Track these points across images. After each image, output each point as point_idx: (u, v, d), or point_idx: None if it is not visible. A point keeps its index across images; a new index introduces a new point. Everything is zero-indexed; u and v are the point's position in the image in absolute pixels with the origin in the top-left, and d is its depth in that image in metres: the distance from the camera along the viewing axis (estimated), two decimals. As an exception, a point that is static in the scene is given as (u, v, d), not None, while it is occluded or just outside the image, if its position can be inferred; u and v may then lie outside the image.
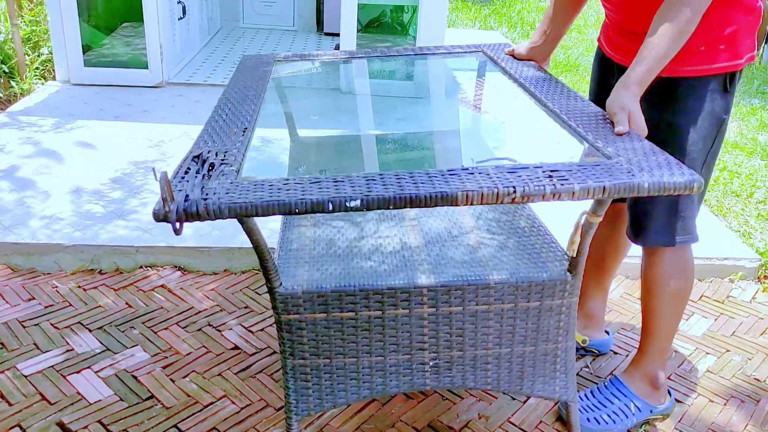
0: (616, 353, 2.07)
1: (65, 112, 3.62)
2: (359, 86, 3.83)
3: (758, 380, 1.99)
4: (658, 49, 1.38)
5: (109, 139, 3.29)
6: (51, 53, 4.14)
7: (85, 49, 4.07)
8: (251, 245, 1.34)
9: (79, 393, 1.82)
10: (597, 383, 1.91)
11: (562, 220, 1.79)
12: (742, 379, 2.00)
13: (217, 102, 1.70)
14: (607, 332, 2.08)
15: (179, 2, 4.43)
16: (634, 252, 2.42)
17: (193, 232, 2.45)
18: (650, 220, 1.62)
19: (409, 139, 2.56)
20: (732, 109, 1.64)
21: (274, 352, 2.02)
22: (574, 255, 1.38)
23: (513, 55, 1.96)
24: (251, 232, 1.29)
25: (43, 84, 4.04)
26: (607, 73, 1.75)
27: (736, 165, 3.54)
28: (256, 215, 1.11)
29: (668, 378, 1.98)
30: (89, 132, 3.36)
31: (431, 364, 1.48)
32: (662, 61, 1.39)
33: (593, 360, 2.04)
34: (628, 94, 1.39)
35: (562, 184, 1.11)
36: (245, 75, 1.96)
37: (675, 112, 1.54)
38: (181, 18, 4.47)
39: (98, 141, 3.26)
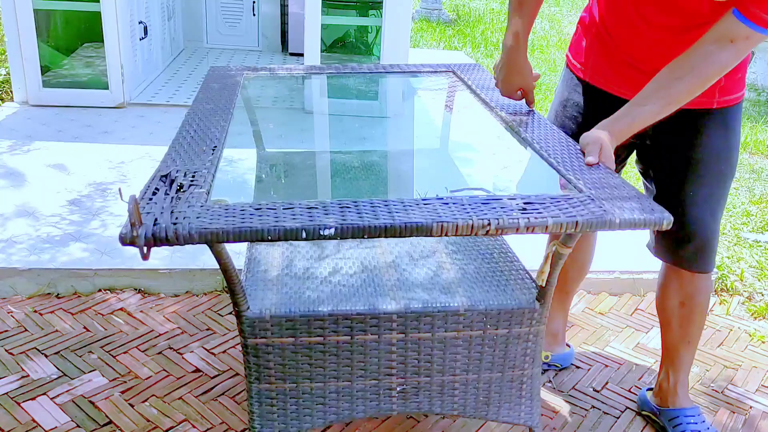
0: (578, 367, 2.09)
1: (22, 133, 3.55)
2: (326, 105, 3.84)
3: (716, 391, 2.02)
4: (650, 113, 1.39)
5: (68, 160, 3.24)
6: (8, 74, 4.07)
7: (44, 69, 4.01)
8: (214, 267, 1.31)
9: (34, 420, 1.77)
10: (560, 397, 1.93)
11: (531, 243, 1.80)
12: (701, 390, 2.03)
13: (185, 117, 1.67)
14: (568, 345, 2.09)
15: (141, 22, 4.40)
16: (595, 267, 2.45)
17: (154, 254, 2.41)
18: (714, 245, 1.66)
19: (376, 158, 2.56)
20: None
21: (236, 374, 1.99)
22: (543, 285, 1.39)
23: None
24: (220, 256, 1.26)
25: (0, 105, 3.97)
26: (591, 104, 1.69)
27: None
28: (227, 242, 1.09)
29: (628, 390, 2.00)
30: (47, 154, 3.30)
31: (399, 389, 1.47)
32: (650, 122, 1.41)
33: (555, 375, 2.05)
34: (604, 135, 1.39)
35: (535, 218, 1.12)
36: (213, 88, 1.94)
37: (727, 139, 1.58)
38: (142, 38, 4.44)
39: (56, 163, 3.20)
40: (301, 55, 4.93)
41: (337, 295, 1.49)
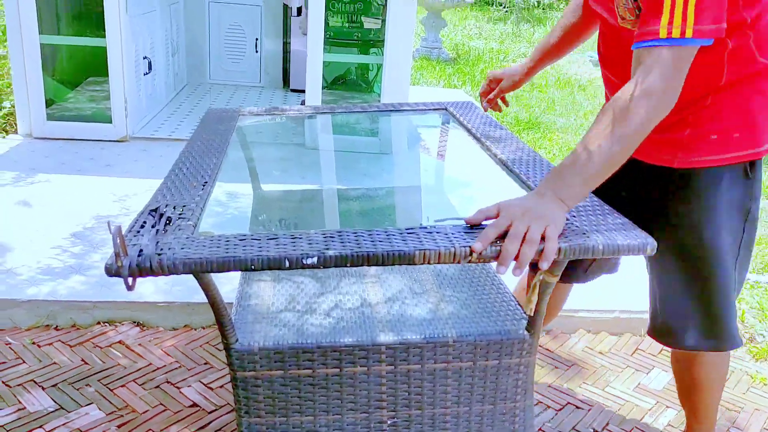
0: (578, 408, 2.08)
1: (26, 165, 3.57)
2: (323, 141, 3.88)
3: (718, 433, 2.01)
4: (589, 168, 1.16)
5: (71, 193, 3.25)
6: (13, 107, 4.11)
7: (49, 103, 4.06)
8: (210, 300, 1.32)
9: (28, 455, 1.75)
10: (560, 438, 1.91)
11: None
12: None
13: (179, 155, 1.70)
14: None
15: (145, 57, 4.46)
16: (591, 305, 2.45)
17: (154, 288, 2.41)
18: (687, 320, 1.49)
19: (371, 194, 2.59)
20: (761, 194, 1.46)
21: (234, 409, 1.97)
22: (532, 314, 1.40)
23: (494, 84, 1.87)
24: (207, 288, 1.27)
25: (4, 137, 4.00)
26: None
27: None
28: (211, 271, 1.10)
29: None
30: (50, 186, 3.32)
31: (389, 422, 1.46)
32: (595, 180, 1.18)
33: (555, 415, 2.03)
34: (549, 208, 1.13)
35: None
36: (208, 128, 1.97)
37: (693, 208, 1.39)
38: (146, 73, 4.50)
39: (59, 195, 3.22)
40: (303, 91, 5.00)
41: (326, 327, 1.50)
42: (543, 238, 1.09)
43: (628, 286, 2.56)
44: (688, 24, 1.11)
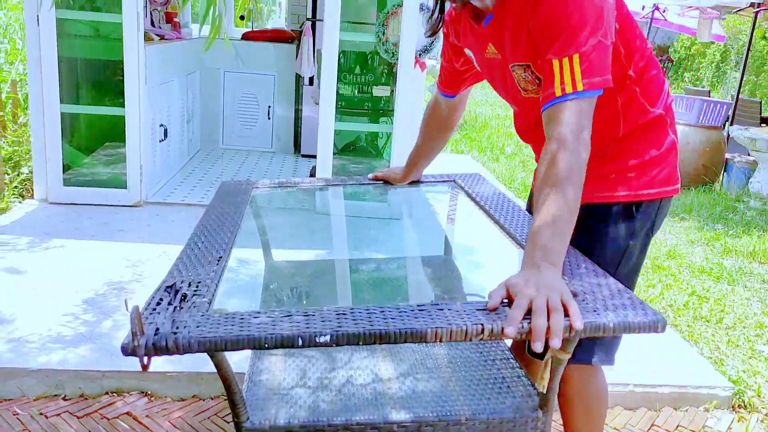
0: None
1: (41, 230, 3.62)
2: (334, 207, 3.92)
3: None
4: (564, 228, 1.23)
5: (84, 258, 3.28)
6: (31, 172, 4.19)
7: (65, 168, 4.14)
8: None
9: None
10: None
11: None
12: None
13: (194, 230, 1.72)
14: None
15: (162, 125, 4.57)
16: (609, 379, 2.41)
17: (163, 357, 2.40)
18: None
19: (382, 264, 2.60)
20: (647, 238, 1.56)
21: (242, 486, 1.93)
22: (544, 392, 1.39)
23: (383, 178, 2.07)
24: (220, 366, 1.27)
25: (20, 202, 4.07)
26: None
27: (705, 290, 3.62)
28: (226, 350, 1.11)
29: None
30: (64, 251, 3.35)
31: (403, 501, 1.43)
32: (570, 233, 1.25)
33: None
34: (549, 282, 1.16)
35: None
36: (223, 202, 2.00)
37: (581, 235, 1.44)
38: (162, 140, 4.59)
39: (73, 260, 3.25)
40: (314, 156, 5.08)
41: (338, 404, 1.48)
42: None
43: (642, 359, 2.53)
44: (577, 80, 1.26)
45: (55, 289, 2.91)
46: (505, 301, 1.18)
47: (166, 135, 4.67)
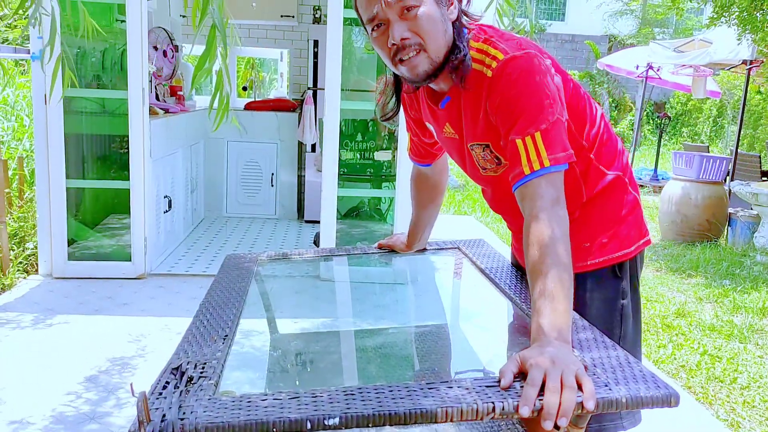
0: None
1: (45, 306, 3.61)
2: (340, 273, 3.91)
3: None
4: (566, 303, 1.22)
5: (88, 334, 3.26)
6: (36, 248, 4.21)
7: (70, 242, 4.15)
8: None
9: None
10: None
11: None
12: None
13: (199, 306, 1.72)
14: None
15: (166, 196, 4.61)
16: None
17: None
18: None
19: (388, 334, 2.57)
20: (634, 293, 1.58)
21: None
22: None
23: (389, 247, 2.06)
24: None
25: (25, 278, 4.07)
26: None
27: (716, 349, 3.57)
28: None
29: None
30: (68, 327, 3.33)
31: None
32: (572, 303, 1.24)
33: None
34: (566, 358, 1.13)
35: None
36: (227, 276, 2.00)
37: (578, 308, 1.45)
38: (166, 211, 4.63)
39: (76, 336, 3.22)
40: (317, 222, 5.11)
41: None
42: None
43: (657, 423, 2.47)
44: (543, 157, 1.29)
45: (57, 368, 2.88)
46: (518, 376, 1.16)
47: (170, 206, 4.70)
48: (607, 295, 1.52)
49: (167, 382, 1.26)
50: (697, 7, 10.41)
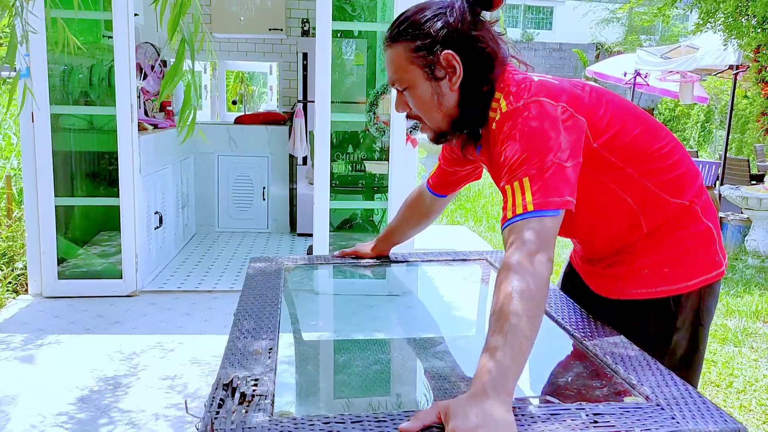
0: None
1: (35, 327, 3.56)
2: (336, 286, 3.86)
3: None
4: (525, 345, 1.12)
5: (79, 354, 3.22)
6: (25, 267, 4.16)
7: (60, 260, 4.11)
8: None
9: None
10: None
11: None
12: None
13: (235, 315, 1.66)
14: None
15: (156, 212, 4.58)
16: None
17: (162, 455, 2.32)
18: None
19: (425, 344, 2.53)
20: (694, 328, 1.49)
21: None
22: None
23: (352, 254, 2.04)
24: None
25: (15, 298, 4.02)
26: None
27: (711, 353, 3.56)
28: None
29: None
30: (58, 348, 3.29)
31: None
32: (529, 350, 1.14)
33: None
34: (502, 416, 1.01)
35: None
36: (257, 281, 1.94)
37: (621, 333, 1.44)
38: (157, 227, 4.59)
39: (68, 356, 3.18)
40: (310, 235, 5.08)
41: None
42: None
43: None
44: (527, 201, 1.25)
45: (49, 388, 2.84)
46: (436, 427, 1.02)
47: (161, 222, 4.67)
48: (657, 327, 1.48)
49: (222, 400, 1.22)
50: (683, 13, 10.51)
